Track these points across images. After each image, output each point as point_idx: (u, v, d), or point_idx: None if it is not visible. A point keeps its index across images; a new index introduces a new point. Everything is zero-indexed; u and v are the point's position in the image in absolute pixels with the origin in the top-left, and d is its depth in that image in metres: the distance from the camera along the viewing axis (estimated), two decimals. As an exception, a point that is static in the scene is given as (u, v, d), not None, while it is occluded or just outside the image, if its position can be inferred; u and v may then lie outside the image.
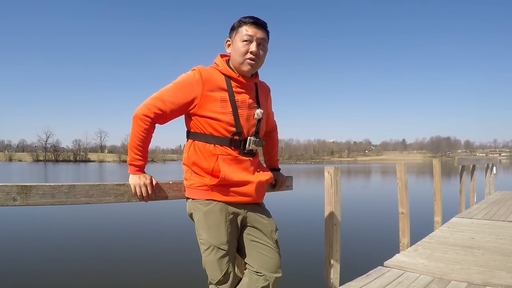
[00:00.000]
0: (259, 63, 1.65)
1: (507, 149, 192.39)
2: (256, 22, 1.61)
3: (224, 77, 1.62)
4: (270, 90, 1.86)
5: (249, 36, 1.59)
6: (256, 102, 1.70)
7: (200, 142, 1.60)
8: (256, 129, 1.67)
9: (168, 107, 1.56)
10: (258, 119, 1.67)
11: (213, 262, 1.58)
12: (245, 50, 1.59)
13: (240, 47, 1.60)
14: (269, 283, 1.60)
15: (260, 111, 1.67)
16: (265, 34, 1.63)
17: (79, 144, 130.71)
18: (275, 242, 1.68)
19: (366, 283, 2.92)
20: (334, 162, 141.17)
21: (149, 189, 1.59)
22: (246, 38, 1.59)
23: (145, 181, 1.58)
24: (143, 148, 1.58)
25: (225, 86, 1.60)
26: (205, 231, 1.59)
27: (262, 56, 1.64)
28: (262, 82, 1.80)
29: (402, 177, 4.29)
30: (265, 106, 1.75)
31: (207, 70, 1.63)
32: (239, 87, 1.64)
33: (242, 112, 1.62)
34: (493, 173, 10.15)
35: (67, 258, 5.75)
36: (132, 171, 1.59)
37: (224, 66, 1.64)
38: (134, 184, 1.57)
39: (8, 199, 1.30)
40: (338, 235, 2.78)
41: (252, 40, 1.60)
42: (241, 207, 1.64)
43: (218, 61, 1.66)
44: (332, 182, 2.78)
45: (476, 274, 3.08)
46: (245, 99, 1.64)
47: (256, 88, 1.73)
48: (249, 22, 1.60)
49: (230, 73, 1.63)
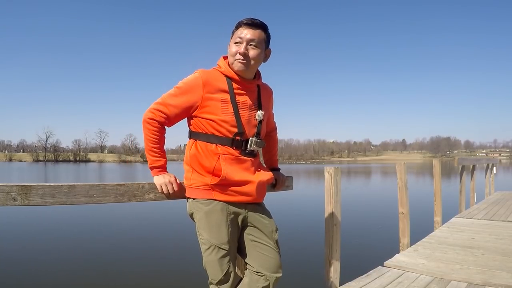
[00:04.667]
0: (250, 63, 1.62)
1: (507, 149, 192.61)
2: (249, 23, 1.62)
3: (225, 79, 1.63)
4: (272, 93, 1.86)
5: (240, 38, 1.61)
6: (258, 103, 1.70)
7: (202, 142, 1.61)
8: (258, 130, 1.68)
9: (171, 111, 1.61)
10: (259, 120, 1.68)
11: (214, 261, 1.58)
12: (235, 51, 1.62)
13: (232, 48, 1.63)
14: (270, 283, 1.61)
15: (261, 112, 1.68)
16: (258, 34, 1.62)
17: (79, 144, 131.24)
18: (275, 242, 1.68)
19: (366, 283, 2.91)
20: (334, 162, 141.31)
21: (174, 187, 1.65)
22: (237, 40, 1.62)
23: (169, 178, 1.64)
24: (158, 149, 1.64)
25: (226, 87, 1.61)
26: (206, 231, 1.60)
27: (254, 56, 1.62)
28: (264, 84, 1.80)
29: (402, 177, 4.29)
30: (266, 108, 1.76)
31: (209, 72, 1.64)
32: (240, 89, 1.64)
33: (243, 113, 1.63)
34: (493, 173, 10.15)
35: (67, 258, 5.75)
36: (155, 173, 1.66)
37: (226, 68, 1.65)
38: (160, 184, 1.64)
39: (8, 199, 1.30)
40: (338, 235, 2.78)
41: (242, 41, 1.61)
42: (242, 207, 1.64)
43: (221, 63, 1.68)
44: (332, 182, 2.78)
45: (476, 274, 3.07)
46: (246, 101, 1.65)
47: (258, 90, 1.74)
48: (243, 24, 1.62)
49: (232, 74, 1.64)
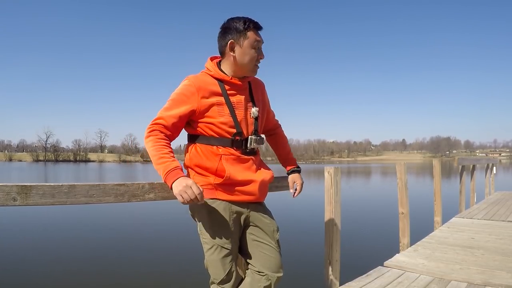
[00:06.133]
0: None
1: (507, 149, 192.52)
2: (259, 27, 1.64)
3: (217, 82, 1.62)
4: (264, 85, 1.85)
5: (258, 43, 1.63)
6: (251, 100, 1.70)
7: (202, 144, 1.60)
8: (255, 127, 1.68)
9: (169, 122, 1.55)
10: (255, 117, 1.68)
11: (216, 261, 1.58)
12: (256, 56, 1.63)
13: (252, 53, 1.61)
14: (271, 282, 1.61)
15: (256, 109, 1.68)
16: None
17: (79, 144, 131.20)
18: (276, 242, 1.68)
19: (366, 283, 2.91)
20: (334, 162, 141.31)
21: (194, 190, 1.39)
22: (257, 46, 1.62)
23: (187, 182, 1.40)
24: (165, 153, 1.48)
25: (219, 90, 1.61)
26: (209, 230, 1.59)
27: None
28: (255, 78, 1.77)
29: (402, 177, 4.29)
30: (261, 102, 1.76)
31: (199, 77, 1.62)
32: (232, 89, 1.64)
33: (239, 112, 1.63)
34: (493, 173, 10.14)
35: (67, 258, 5.75)
36: (169, 181, 1.44)
37: (216, 70, 1.63)
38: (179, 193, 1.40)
39: (8, 199, 1.29)
40: (338, 235, 2.78)
41: (260, 47, 1.64)
42: (244, 206, 1.64)
43: (209, 66, 1.66)
44: (332, 182, 2.77)
45: (476, 274, 3.07)
46: (240, 100, 1.65)
47: (250, 87, 1.73)
48: (255, 27, 1.62)
49: (223, 76, 1.62)
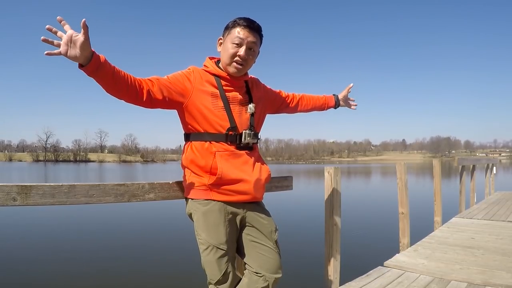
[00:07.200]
0: (246, 67, 1.66)
1: (507, 149, 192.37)
2: (250, 25, 1.60)
3: (214, 77, 1.64)
4: (259, 80, 1.86)
5: (240, 39, 1.59)
6: (249, 97, 1.71)
7: (197, 142, 1.62)
8: (251, 123, 1.68)
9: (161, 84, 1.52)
10: (251, 113, 1.69)
11: (212, 262, 1.58)
12: (233, 52, 1.60)
13: (229, 48, 1.61)
14: (269, 283, 1.60)
15: (253, 105, 1.69)
16: (257, 37, 1.64)
17: (79, 144, 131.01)
18: (274, 243, 1.67)
19: (366, 283, 2.91)
20: (334, 162, 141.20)
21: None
22: (237, 41, 1.59)
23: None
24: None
25: (216, 83, 1.63)
26: (204, 231, 1.59)
27: (251, 60, 1.66)
28: (254, 79, 1.82)
29: (402, 177, 4.29)
30: (259, 98, 1.76)
31: (200, 69, 1.67)
32: (228, 86, 1.66)
33: (234, 107, 1.64)
34: (493, 173, 10.14)
35: (67, 258, 5.75)
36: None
37: (213, 67, 1.66)
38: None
39: (8, 199, 1.30)
40: (338, 235, 2.78)
41: (243, 44, 1.60)
42: (240, 207, 1.64)
43: (207, 63, 1.69)
44: (332, 182, 2.77)
45: (476, 274, 3.07)
46: (236, 96, 1.66)
47: (247, 85, 1.74)
48: (242, 25, 1.60)
49: (220, 72, 1.65)
